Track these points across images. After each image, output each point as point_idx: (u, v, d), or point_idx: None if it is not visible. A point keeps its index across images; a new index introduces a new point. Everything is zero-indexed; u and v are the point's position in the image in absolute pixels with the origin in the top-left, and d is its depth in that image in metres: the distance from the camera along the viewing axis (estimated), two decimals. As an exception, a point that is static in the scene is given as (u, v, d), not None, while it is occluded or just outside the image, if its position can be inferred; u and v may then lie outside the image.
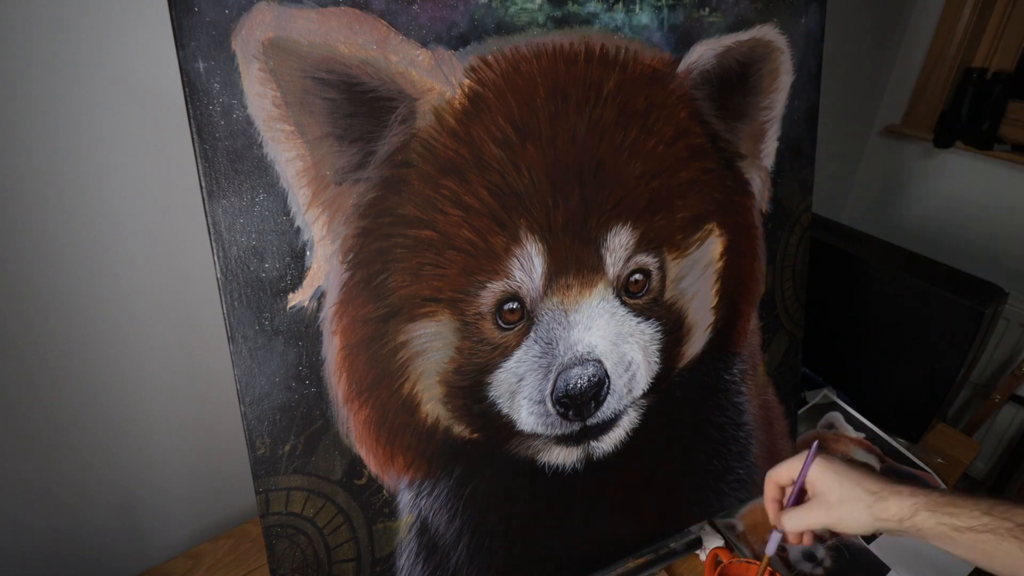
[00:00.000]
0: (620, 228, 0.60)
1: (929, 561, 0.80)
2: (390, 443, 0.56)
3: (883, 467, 0.93)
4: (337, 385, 0.53)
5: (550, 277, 0.58)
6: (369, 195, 0.50)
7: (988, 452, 1.65)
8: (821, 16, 0.69)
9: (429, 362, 0.56)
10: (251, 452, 0.51)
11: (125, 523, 0.77)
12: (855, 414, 1.01)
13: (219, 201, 0.45)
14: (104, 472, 0.73)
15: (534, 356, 0.59)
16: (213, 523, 0.85)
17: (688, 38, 0.60)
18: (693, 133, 0.63)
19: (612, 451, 0.67)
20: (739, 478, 0.79)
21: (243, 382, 0.49)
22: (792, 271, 0.76)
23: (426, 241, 0.53)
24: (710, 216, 0.66)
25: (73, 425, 0.69)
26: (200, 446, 0.80)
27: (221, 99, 0.44)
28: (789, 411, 0.82)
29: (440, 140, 0.51)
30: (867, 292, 0.99)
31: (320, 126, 0.47)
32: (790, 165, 0.72)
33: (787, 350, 0.79)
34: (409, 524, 0.60)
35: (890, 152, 1.68)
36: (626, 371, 0.64)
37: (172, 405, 0.76)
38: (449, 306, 0.55)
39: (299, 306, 0.50)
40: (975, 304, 0.87)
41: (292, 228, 0.48)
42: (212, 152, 0.45)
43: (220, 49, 0.43)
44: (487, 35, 0.51)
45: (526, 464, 0.64)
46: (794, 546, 0.81)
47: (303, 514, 0.54)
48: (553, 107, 0.54)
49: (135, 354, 0.70)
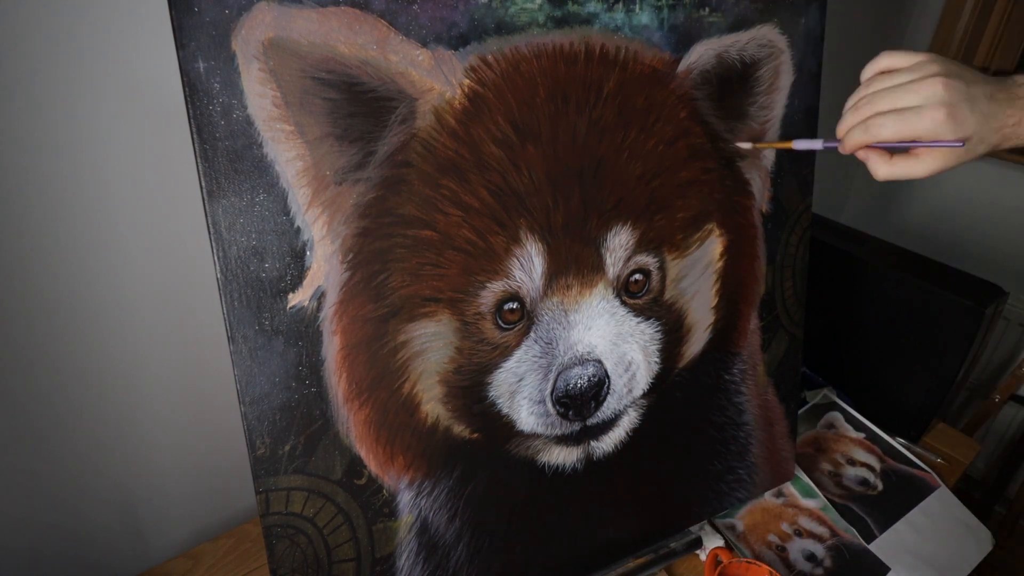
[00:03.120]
0: (620, 228, 0.60)
1: (929, 561, 0.80)
2: (390, 443, 0.56)
3: (883, 467, 0.93)
4: (337, 385, 0.53)
5: (550, 277, 0.58)
6: (369, 195, 0.50)
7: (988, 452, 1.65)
8: (821, 16, 0.69)
9: (429, 362, 0.56)
10: (251, 452, 0.51)
11: (125, 523, 0.77)
12: (855, 414, 1.01)
13: (219, 201, 0.45)
14: (104, 472, 0.73)
15: (534, 356, 0.59)
16: (213, 523, 0.85)
17: (688, 38, 0.60)
18: (693, 133, 0.63)
19: (612, 451, 0.67)
20: (739, 478, 0.79)
21: (243, 382, 0.49)
22: (792, 271, 0.76)
23: (426, 241, 0.53)
24: (710, 216, 0.66)
25: (73, 425, 0.69)
26: (200, 446, 0.80)
27: (221, 99, 0.44)
28: (789, 411, 0.82)
29: (440, 140, 0.51)
30: (867, 292, 0.99)
31: (320, 126, 0.47)
32: (790, 165, 0.72)
33: (787, 350, 0.79)
34: (409, 524, 0.60)
35: (890, 152, 1.68)
36: (626, 371, 0.64)
37: (172, 405, 0.76)
38: (449, 306, 0.55)
39: (299, 306, 0.50)
40: (975, 304, 0.87)
41: (292, 228, 0.48)
42: (212, 152, 0.45)
43: (220, 49, 0.43)
44: (487, 35, 0.51)
45: (526, 464, 0.64)
46: (794, 546, 0.81)
47: (303, 514, 0.54)
48: (553, 107, 0.54)
49: (135, 354, 0.70)
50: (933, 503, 0.88)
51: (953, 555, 0.82)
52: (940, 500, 0.89)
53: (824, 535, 0.83)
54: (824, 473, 0.92)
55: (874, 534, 0.83)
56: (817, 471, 0.92)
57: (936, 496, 0.89)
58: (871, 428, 0.98)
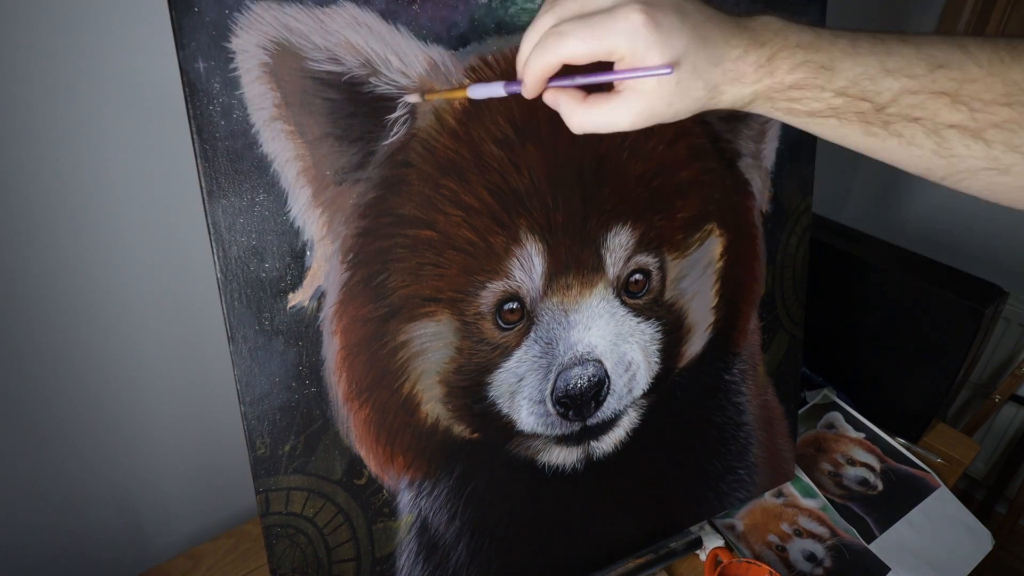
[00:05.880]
0: (620, 228, 0.60)
1: (929, 561, 0.80)
2: (390, 443, 0.56)
3: (883, 467, 0.93)
4: (337, 385, 0.53)
5: (550, 277, 0.58)
6: (369, 195, 0.50)
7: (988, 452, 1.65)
8: (821, 16, 0.69)
9: (429, 362, 0.56)
10: (251, 452, 0.51)
11: (125, 523, 0.77)
12: (855, 414, 1.01)
13: (219, 201, 0.45)
14: (104, 471, 0.73)
15: (534, 356, 0.59)
16: (213, 523, 0.85)
17: (688, 38, 0.60)
18: (693, 133, 0.63)
19: (612, 451, 0.67)
20: (739, 478, 0.79)
21: (243, 382, 0.49)
22: (792, 271, 0.76)
23: (426, 241, 0.53)
24: (710, 216, 0.66)
25: (73, 424, 0.69)
26: (200, 446, 0.80)
27: (221, 99, 0.44)
28: (789, 411, 0.82)
29: (440, 140, 0.51)
30: (867, 292, 0.99)
31: (320, 126, 0.47)
32: (790, 165, 0.72)
33: (787, 350, 0.79)
34: (409, 524, 0.60)
35: (890, 152, 1.68)
36: (626, 371, 0.64)
37: (172, 405, 0.75)
38: (449, 306, 0.55)
39: (299, 306, 0.50)
40: (975, 304, 0.87)
41: (292, 228, 0.48)
42: (212, 152, 0.45)
43: (220, 49, 0.43)
44: (487, 35, 0.51)
45: (526, 464, 0.64)
46: (794, 546, 0.81)
47: (303, 514, 0.54)
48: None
49: (135, 354, 0.70)
50: (933, 503, 0.88)
51: (953, 555, 0.82)
52: (940, 500, 0.89)
53: (824, 535, 0.83)
54: (824, 473, 0.92)
55: (874, 534, 0.83)
56: (817, 471, 0.92)
57: (936, 496, 0.89)
58: (871, 428, 0.98)
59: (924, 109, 0.34)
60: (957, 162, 0.36)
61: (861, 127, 0.36)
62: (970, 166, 0.35)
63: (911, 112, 0.35)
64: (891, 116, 0.35)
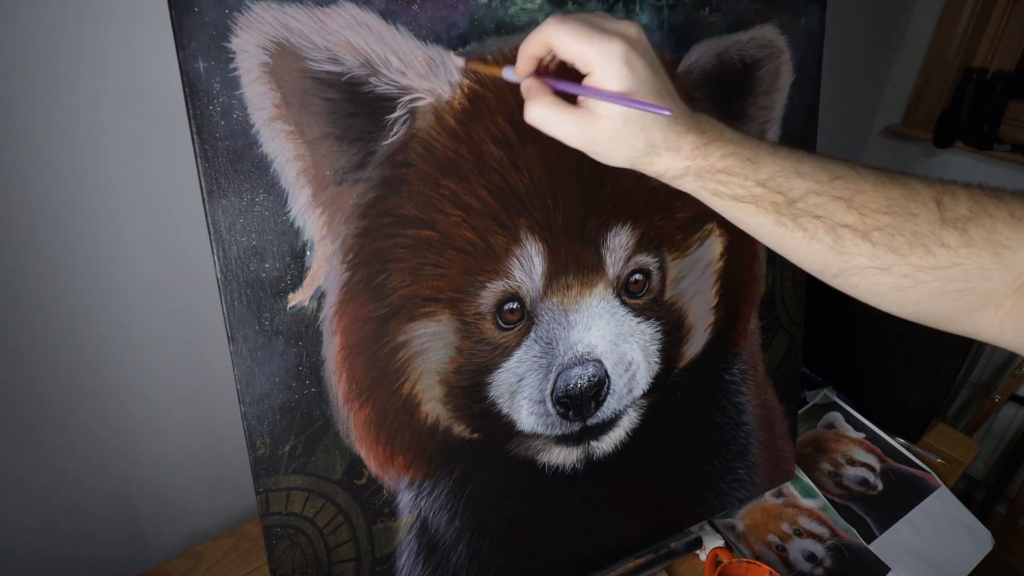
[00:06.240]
0: (620, 228, 0.60)
1: (929, 561, 0.80)
2: (390, 443, 0.56)
3: (883, 467, 0.93)
4: (337, 385, 0.53)
5: (550, 277, 0.58)
6: (369, 195, 0.50)
7: (988, 452, 1.65)
8: (821, 16, 0.69)
9: (429, 362, 0.56)
10: (251, 452, 0.51)
11: (125, 523, 0.77)
12: (855, 414, 1.01)
13: (219, 201, 0.45)
14: (104, 472, 0.73)
15: (534, 356, 0.59)
16: (213, 523, 0.85)
17: (688, 38, 0.60)
18: (693, 133, 0.62)
19: (612, 451, 0.67)
20: (739, 478, 0.79)
21: (243, 382, 0.49)
22: (792, 271, 0.76)
23: (426, 241, 0.53)
24: (710, 216, 0.66)
25: (73, 425, 0.69)
26: (200, 446, 0.80)
27: (221, 99, 0.44)
28: (789, 411, 0.82)
29: (440, 140, 0.51)
30: (867, 292, 0.99)
31: (320, 126, 0.47)
32: (790, 165, 0.71)
33: (787, 350, 0.79)
34: (409, 524, 0.60)
35: (890, 152, 1.68)
36: (626, 371, 0.64)
37: (172, 405, 0.76)
38: (449, 306, 0.55)
39: (299, 306, 0.50)
40: (975, 304, 0.87)
41: (292, 228, 0.48)
42: (212, 152, 0.45)
43: (220, 49, 0.43)
44: (487, 35, 0.51)
45: (526, 464, 0.64)
46: (794, 546, 0.81)
47: (303, 514, 0.54)
48: (553, 107, 0.54)
49: (135, 354, 0.70)
50: (933, 503, 0.88)
51: (953, 555, 0.82)
52: (940, 500, 0.89)
53: (824, 535, 0.83)
54: (824, 473, 0.92)
55: (874, 534, 0.83)
56: (817, 471, 0.92)
57: (936, 496, 0.89)
58: (871, 428, 0.98)
59: (825, 208, 0.41)
60: (849, 259, 0.41)
61: (774, 216, 0.42)
62: (859, 263, 0.41)
63: (815, 210, 0.41)
64: (799, 211, 0.41)
